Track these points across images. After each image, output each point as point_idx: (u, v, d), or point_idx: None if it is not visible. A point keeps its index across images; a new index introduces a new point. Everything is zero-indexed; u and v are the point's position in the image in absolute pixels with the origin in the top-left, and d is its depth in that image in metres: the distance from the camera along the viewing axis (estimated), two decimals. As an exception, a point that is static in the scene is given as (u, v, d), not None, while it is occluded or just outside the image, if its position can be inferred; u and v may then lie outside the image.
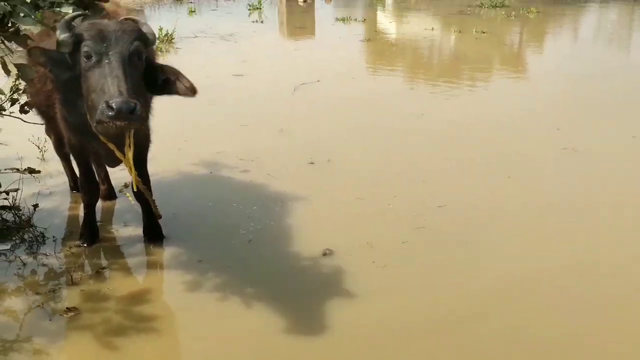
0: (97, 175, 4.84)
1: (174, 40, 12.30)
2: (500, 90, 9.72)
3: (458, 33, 14.62)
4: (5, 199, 4.67)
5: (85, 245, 4.56)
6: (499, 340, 3.63)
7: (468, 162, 6.29)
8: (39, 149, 5.96)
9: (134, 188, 4.20)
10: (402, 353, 3.52)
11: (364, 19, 16.29)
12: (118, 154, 3.89)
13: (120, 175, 5.23)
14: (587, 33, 16.43)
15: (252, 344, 3.57)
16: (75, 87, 3.62)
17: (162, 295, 4.12)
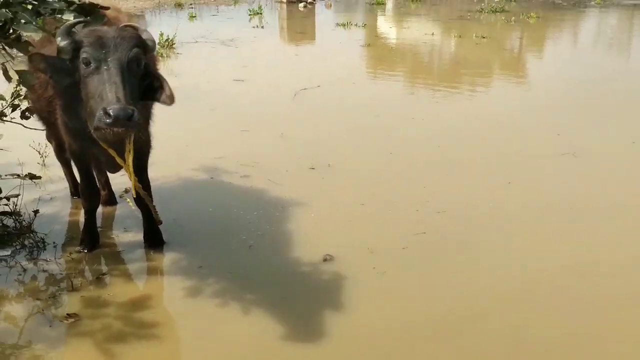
0: (97, 181, 4.85)
1: (175, 46, 12.31)
2: (501, 95, 9.74)
3: (458, 38, 14.64)
4: (6, 205, 4.66)
5: (86, 251, 4.57)
6: (499, 341, 3.64)
7: (468, 164, 6.31)
8: (40, 155, 5.97)
9: (134, 194, 4.20)
10: (402, 359, 3.51)
11: (364, 24, 16.29)
12: (118, 160, 3.89)
13: (121, 181, 5.23)
14: (587, 38, 16.46)
15: (253, 350, 3.57)
16: (76, 93, 3.63)
17: (162, 302, 4.12)
